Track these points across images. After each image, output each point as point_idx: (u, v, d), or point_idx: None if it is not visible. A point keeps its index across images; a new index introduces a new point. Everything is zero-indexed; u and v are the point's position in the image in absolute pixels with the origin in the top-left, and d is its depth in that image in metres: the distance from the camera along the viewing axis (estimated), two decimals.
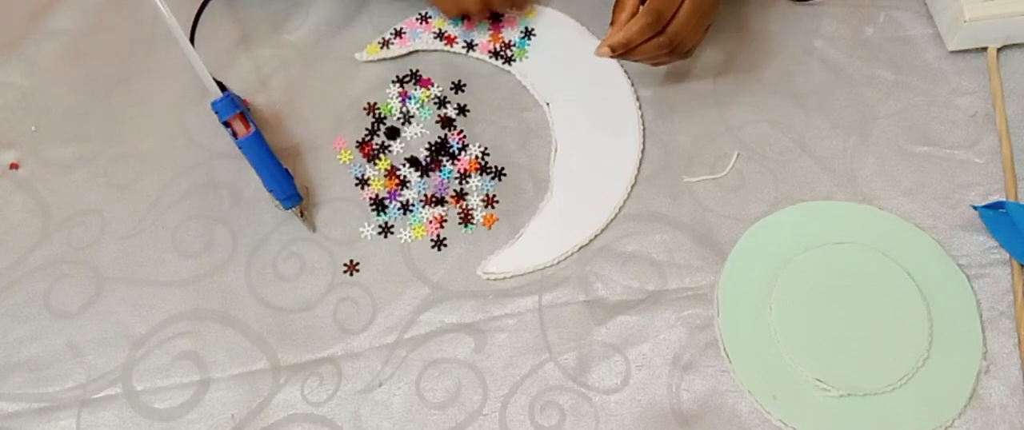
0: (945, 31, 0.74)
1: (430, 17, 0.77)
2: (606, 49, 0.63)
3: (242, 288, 0.67)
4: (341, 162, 0.72)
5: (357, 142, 0.72)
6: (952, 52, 0.74)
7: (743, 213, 0.68)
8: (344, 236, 0.69)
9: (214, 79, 0.67)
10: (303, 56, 0.76)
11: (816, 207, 0.68)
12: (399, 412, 0.63)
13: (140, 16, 0.79)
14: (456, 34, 0.77)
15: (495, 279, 0.67)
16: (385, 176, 0.71)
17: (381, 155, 0.72)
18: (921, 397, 0.61)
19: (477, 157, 0.71)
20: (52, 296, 0.68)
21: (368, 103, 0.74)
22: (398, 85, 0.75)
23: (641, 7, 0.63)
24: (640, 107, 0.73)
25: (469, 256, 0.68)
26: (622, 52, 0.64)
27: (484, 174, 0.71)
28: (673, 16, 0.62)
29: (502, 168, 0.71)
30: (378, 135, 0.73)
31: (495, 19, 0.77)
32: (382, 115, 0.73)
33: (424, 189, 0.70)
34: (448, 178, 0.70)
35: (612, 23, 0.65)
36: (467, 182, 0.70)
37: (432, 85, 0.75)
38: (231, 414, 0.63)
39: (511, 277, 0.67)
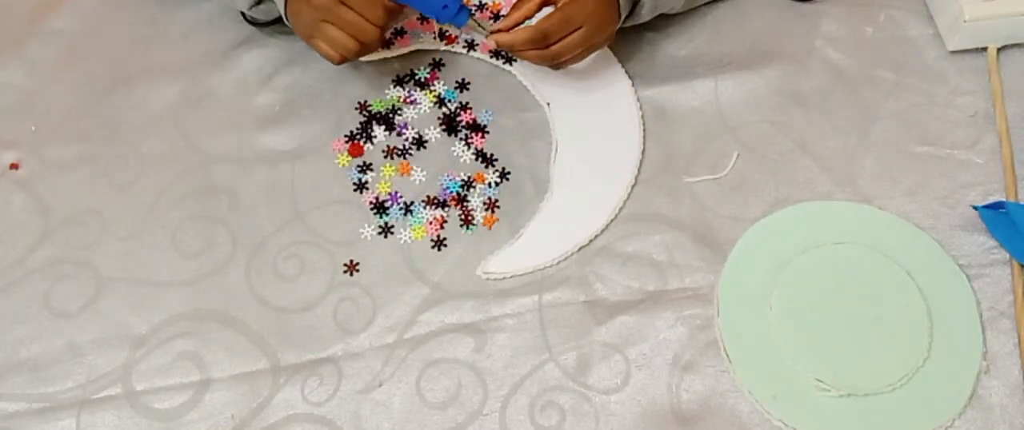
0: (945, 31, 0.74)
1: (481, 37, 0.77)
2: (491, 42, 0.67)
3: (242, 288, 0.67)
4: (340, 165, 0.72)
5: (347, 136, 0.72)
6: (952, 52, 0.74)
7: (743, 213, 0.68)
8: (344, 236, 0.69)
9: None
10: (303, 56, 0.76)
11: (816, 207, 0.68)
12: (399, 412, 0.63)
13: (140, 16, 0.79)
14: (457, 34, 0.77)
15: (495, 279, 0.67)
16: (394, 168, 0.71)
17: (387, 159, 0.72)
18: (921, 397, 0.61)
19: (482, 172, 0.71)
20: (52, 296, 0.68)
21: (359, 102, 0.74)
22: (398, 85, 0.75)
23: (540, 11, 0.66)
24: (640, 107, 0.73)
25: (469, 256, 0.68)
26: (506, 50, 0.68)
27: (488, 176, 0.71)
28: (560, 39, 0.65)
29: (507, 171, 0.71)
30: (375, 135, 0.73)
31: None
32: (374, 112, 0.73)
33: (427, 185, 0.70)
34: (454, 189, 0.70)
35: (508, 14, 0.67)
36: (472, 189, 0.70)
37: (436, 81, 0.75)
38: (231, 414, 0.63)
39: (511, 277, 0.67)
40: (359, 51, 0.65)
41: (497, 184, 0.70)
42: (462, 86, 0.75)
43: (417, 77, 0.75)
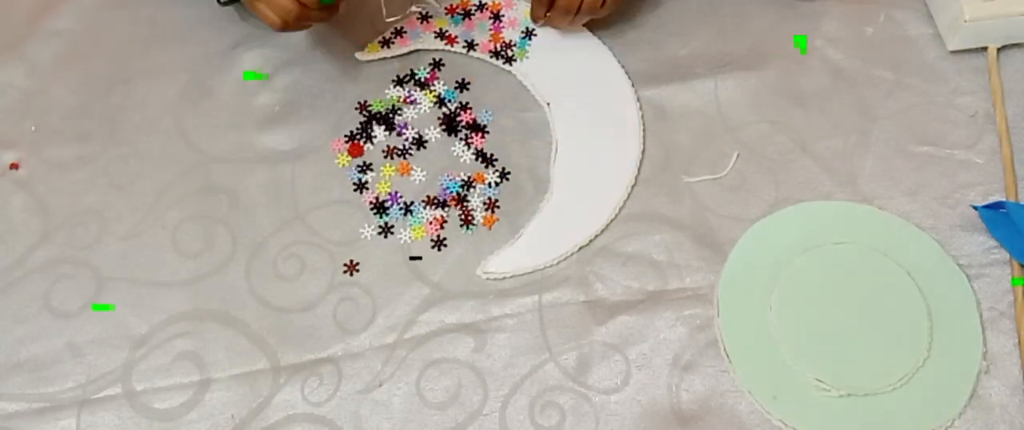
0: (945, 31, 0.74)
1: (430, 17, 0.77)
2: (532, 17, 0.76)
3: (242, 288, 0.67)
4: (340, 165, 0.72)
5: (346, 136, 0.72)
6: (952, 52, 0.74)
7: (743, 213, 0.68)
8: (344, 236, 0.69)
9: None
10: (303, 56, 0.76)
11: (816, 207, 0.68)
12: (399, 412, 0.63)
13: (140, 16, 0.79)
14: (457, 34, 0.77)
15: (495, 279, 0.67)
16: (394, 168, 0.71)
17: (387, 159, 0.72)
18: (921, 397, 0.61)
19: (482, 172, 0.71)
20: (52, 296, 0.68)
21: (359, 102, 0.74)
22: (398, 85, 0.75)
23: None
24: (640, 107, 0.73)
25: (469, 256, 0.68)
26: (538, 19, 0.75)
27: (488, 176, 0.71)
28: None
29: (507, 171, 0.71)
30: (375, 135, 0.73)
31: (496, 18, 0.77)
32: (374, 112, 0.73)
33: (427, 181, 0.70)
34: (454, 189, 0.70)
35: None
36: (472, 189, 0.70)
37: (435, 81, 0.75)
38: (231, 414, 0.63)
39: (511, 277, 0.67)
40: (300, 15, 0.64)
41: (497, 184, 0.70)
42: (462, 86, 0.75)
43: (417, 77, 0.75)
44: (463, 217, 0.69)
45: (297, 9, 0.63)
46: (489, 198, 0.70)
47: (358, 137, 0.73)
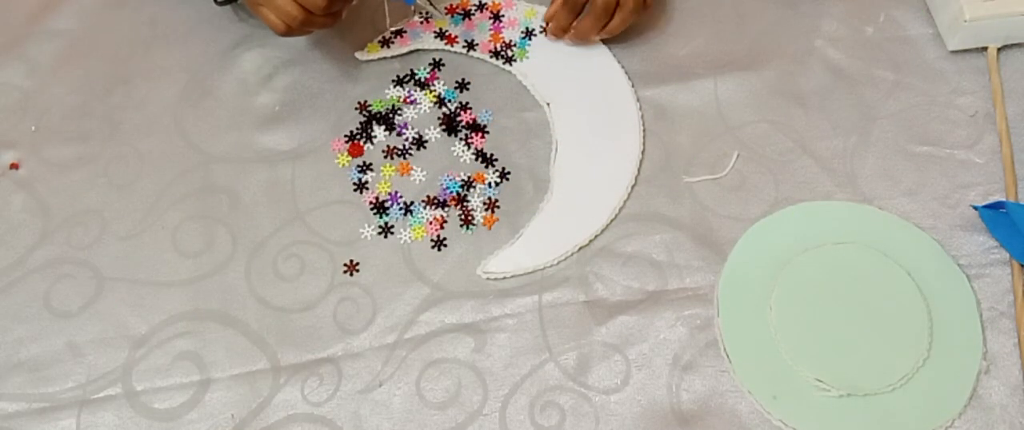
0: (945, 31, 0.74)
1: (430, 17, 0.77)
2: (550, 33, 0.75)
3: (242, 288, 0.67)
4: (340, 165, 0.72)
5: (346, 136, 0.72)
6: (952, 52, 0.74)
7: (743, 213, 0.68)
8: (344, 237, 0.69)
9: None
10: (303, 56, 0.76)
11: (816, 207, 0.68)
12: (399, 412, 0.63)
13: (140, 16, 0.79)
14: (457, 34, 0.77)
15: (495, 279, 0.67)
16: (394, 168, 0.71)
17: (387, 159, 0.72)
18: (921, 397, 0.61)
19: (482, 172, 0.71)
20: (52, 296, 0.68)
21: (359, 102, 0.74)
22: (398, 85, 0.75)
23: None
24: (640, 107, 0.73)
25: (469, 256, 0.68)
26: (561, 33, 0.74)
27: (488, 176, 0.71)
28: None
29: (507, 171, 0.71)
30: (375, 135, 0.73)
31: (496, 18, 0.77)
32: (374, 112, 0.73)
33: (428, 181, 0.71)
34: (454, 189, 0.70)
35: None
36: (472, 188, 0.70)
37: (436, 81, 0.75)
38: (231, 414, 0.63)
39: (511, 277, 0.67)
40: (305, 21, 0.64)
41: (497, 184, 0.70)
42: (462, 86, 0.75)
43: (417, 77, 0.75)
44: (463, 217, 0.69)
45: (301, 15, 0.63)
46: (489, 198, 0.70)
47: (358, 137, 0.73)
